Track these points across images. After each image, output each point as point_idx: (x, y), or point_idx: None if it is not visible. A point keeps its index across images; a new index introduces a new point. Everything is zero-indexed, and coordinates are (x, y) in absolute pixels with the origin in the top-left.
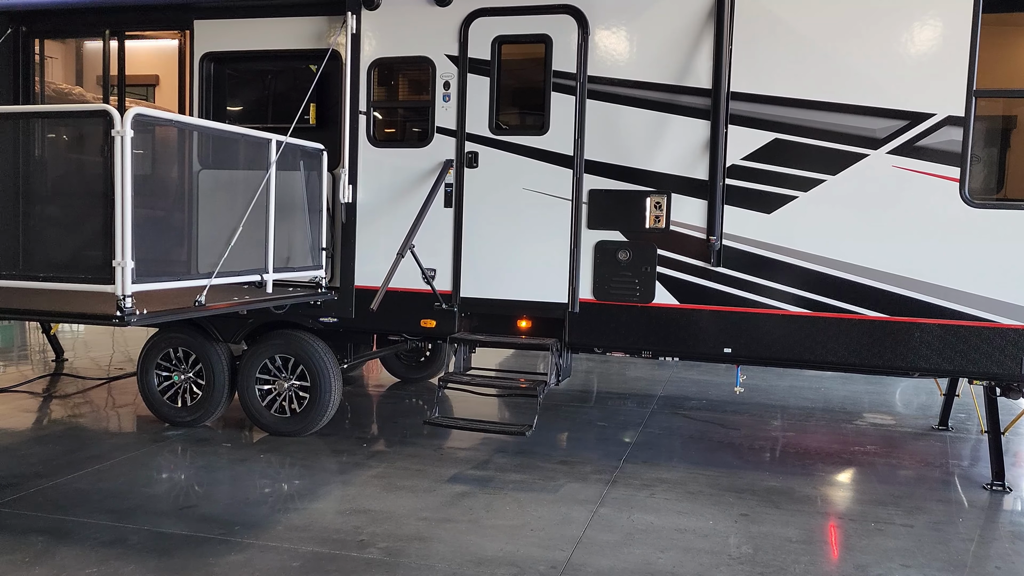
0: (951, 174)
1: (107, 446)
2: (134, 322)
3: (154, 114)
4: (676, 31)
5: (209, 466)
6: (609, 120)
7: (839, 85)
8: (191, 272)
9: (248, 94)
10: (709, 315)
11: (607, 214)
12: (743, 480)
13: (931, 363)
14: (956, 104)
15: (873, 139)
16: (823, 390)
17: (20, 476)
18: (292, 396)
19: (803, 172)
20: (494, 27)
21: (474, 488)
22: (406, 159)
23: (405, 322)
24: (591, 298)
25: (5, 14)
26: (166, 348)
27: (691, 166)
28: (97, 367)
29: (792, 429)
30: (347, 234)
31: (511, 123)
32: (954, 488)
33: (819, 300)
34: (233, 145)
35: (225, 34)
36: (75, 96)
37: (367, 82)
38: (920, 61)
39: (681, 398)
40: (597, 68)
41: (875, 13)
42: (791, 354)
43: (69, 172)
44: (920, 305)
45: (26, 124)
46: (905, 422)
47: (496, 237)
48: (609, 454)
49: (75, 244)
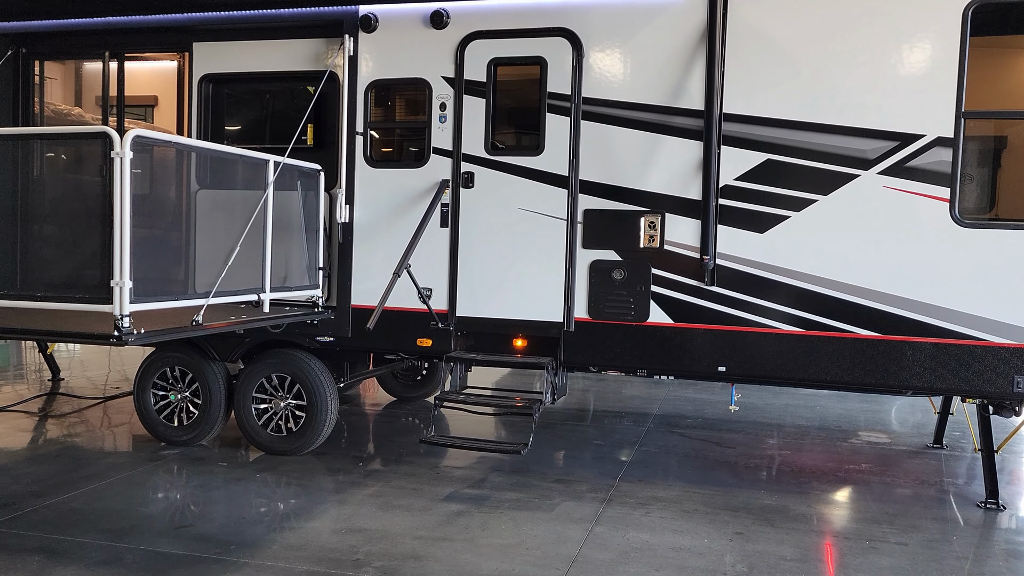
0: (941, 194)
1: (103, 465)
2: (131, 341)
3: (153, 135)
4: (669, 53)
5: (205, 485)
6: (603, 141)
7: (830, 106)
8: (188, 291)
9: (246, 114)
10: (703, 334)
11: (602, 233)
12: (738, 498)
13: (923, 381)
14: (945, 125)
15: (864, 160)
16: (818, 408)
17: (16, 496)
18: (288, 415)
19: (795, 192)
20: (490, 49)
21: (470, 507)
22: (402, 179)
23: (401, 341)
24: (586, 317)
25: (6, 36)
26: (163, 367)
27: (685, 186)
28: (93, 386)
29: (787, 447)
30: (344, 253)
31: (507, 144)
32: (949, 506)
33: (812, 319)
34: (231, 165)
35: (224, 56)
36: (74, 116)
37: (364, 103)
38: (909, 83)
39: (677, 416)
40: (591, 89)
41: (865, 36)
42: (785, 372)
43: (68, 192)
44: (912, 324)
45: (26, 144)
46: (900, 440)
47: (492, 256)
48: (605, 472)
49: (73, 264)
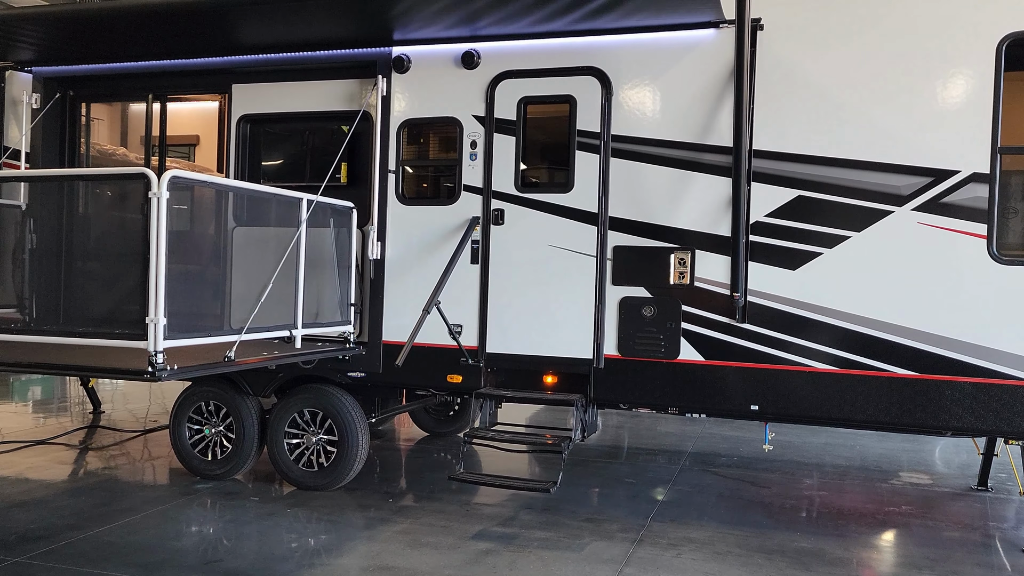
0: (978, 231)
1: (138, 499)
2: (165, 377)
3: (188, 176)
4: (698, 90)
5: (237, 520)
6: (633, 178)
7: (862, 142)
8: (223, 327)
9: (283, 153)
10: (735, 371)
11: (631, 270)
12: (773, 541)
13: (964, 422)
14: (981, 161)
15: (898, 196)
16: (858, 448)
17: (52, 528)
18: (320, 450)
19: (828, 229)
20: (520, 88)
21: (498, 545)
22: (433, 216)
23: (432, 377)
24: (616, 354)
25: (54, 79)
26: (198, 402)
27: (714, 223)
28: (134, 419)
29: (825, 488)
30: (375, 290)
31: (537, 181)
32: (994, 551)
33: (847, 357)
34: (266, 203)
35: (261, 97)
36: (118, 156)
37: (396, 141)
38: (943, 118)
39: (712, 454)
40: (620, 127)
41: (897, 71)
42: (819, 412)
43: (108, 231)
44: (950, 363)
45: (70, 185)
46: (943, 481)
47: (522, 293)
48: (636, 512)
49: (112, 300)
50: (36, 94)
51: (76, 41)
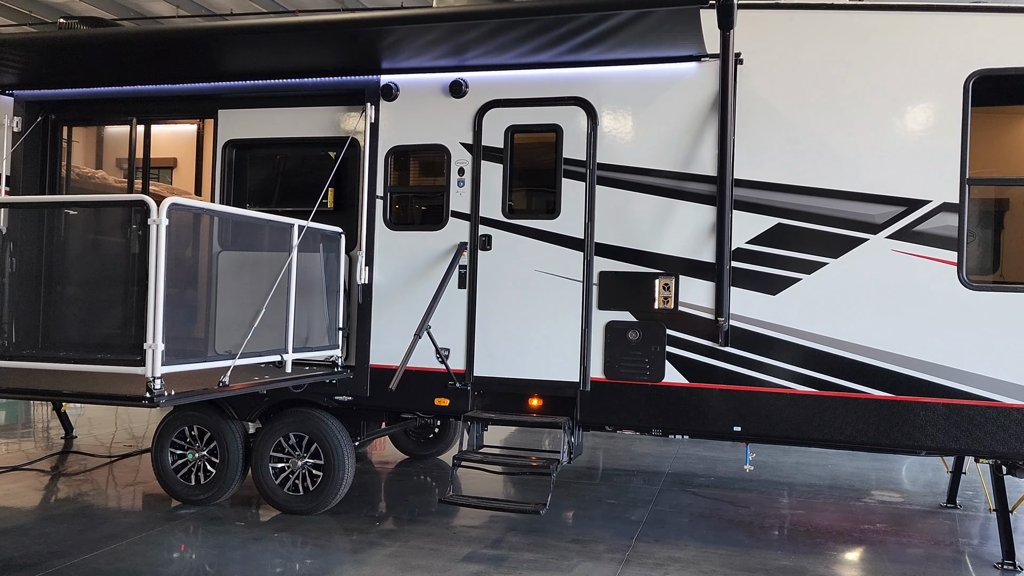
0: (949, 258)
1: (121, 525)
2: (163, 403)
3: (189, 203)
4: (681, 121)
5: (223, 545)
6: (618, 205)
7: (838, 173)
8: (216, 353)
9: (268, 178)
10: (718, 394)
11: (617, 295)
12: (755, 559)
13: (937, 442)
14: (951, 191)
15: (872, 224)
16: (830, 467)
17: (37, 555)
18: (305, 474)
19: (806, 255)
20: (507, 117)
21: (489, 567)
22: (421, 241)
23: (419, 400)
24: (602, 377)
25: (36, 103)
26: (181, 426)
27: (698, 249)
28: (101, 445)
29: (801, 507)
30: (363, 314)
31: (523, 207)
32: (965, 567)
33: (825, 379)
34: (257, 229)
35: (248, 123)
36: (98, 180)
37: (384, 168)
38: (915, 151)
39: (689, 475)
40: (606, 156)
41: (871, 105)
42: (799, 433)
43: (103, 257)
44: (924, 385)
45: (65, 212)
46: (913, 499)
47: (509, 317)
48: (621, 532)
49: (103, 327)
50: (18, 117)
51: (60, 66)
